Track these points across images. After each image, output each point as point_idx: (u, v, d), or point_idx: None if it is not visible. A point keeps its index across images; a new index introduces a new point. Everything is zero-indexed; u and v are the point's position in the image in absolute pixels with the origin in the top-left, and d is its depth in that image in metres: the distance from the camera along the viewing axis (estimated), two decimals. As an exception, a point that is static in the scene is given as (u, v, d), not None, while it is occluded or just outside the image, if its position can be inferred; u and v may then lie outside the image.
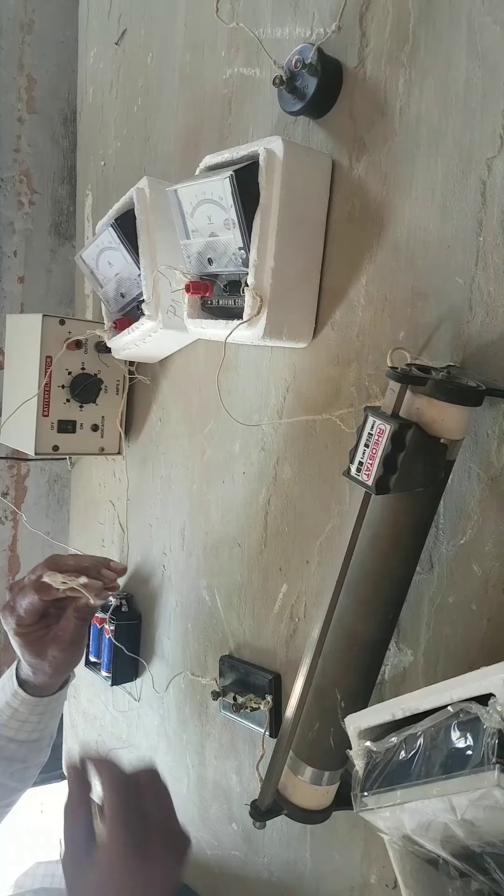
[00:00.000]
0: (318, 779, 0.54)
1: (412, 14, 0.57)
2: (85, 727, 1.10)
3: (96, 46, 1.08)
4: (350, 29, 0.62)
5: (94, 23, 1.09)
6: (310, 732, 0.53)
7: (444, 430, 0.46)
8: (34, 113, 1.30)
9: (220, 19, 0.73)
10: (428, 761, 0.40)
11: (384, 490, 0.46)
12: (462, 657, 0.52)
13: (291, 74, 0.64)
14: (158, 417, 0.90)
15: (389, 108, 0.59)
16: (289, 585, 0.68)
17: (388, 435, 0.45)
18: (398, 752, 0.42)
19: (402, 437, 0.45)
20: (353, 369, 0.61)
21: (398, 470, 0.45)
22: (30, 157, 1.30)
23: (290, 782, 0.55)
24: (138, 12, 0.96)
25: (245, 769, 0.74)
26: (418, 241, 0.56)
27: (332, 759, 0.54)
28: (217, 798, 0.78)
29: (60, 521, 1.31)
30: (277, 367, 0.70)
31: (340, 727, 0.52)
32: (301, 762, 0.54)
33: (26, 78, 1.30)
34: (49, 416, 0.88)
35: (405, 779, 0.40)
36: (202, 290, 0.67)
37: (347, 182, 0.63)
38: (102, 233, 0.79)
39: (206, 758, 0.80)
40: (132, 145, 0.98)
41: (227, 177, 0.60)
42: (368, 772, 0.44)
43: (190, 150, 0.84)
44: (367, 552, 0.49)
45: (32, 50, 1.30)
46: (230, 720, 0.75)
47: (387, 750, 0.43)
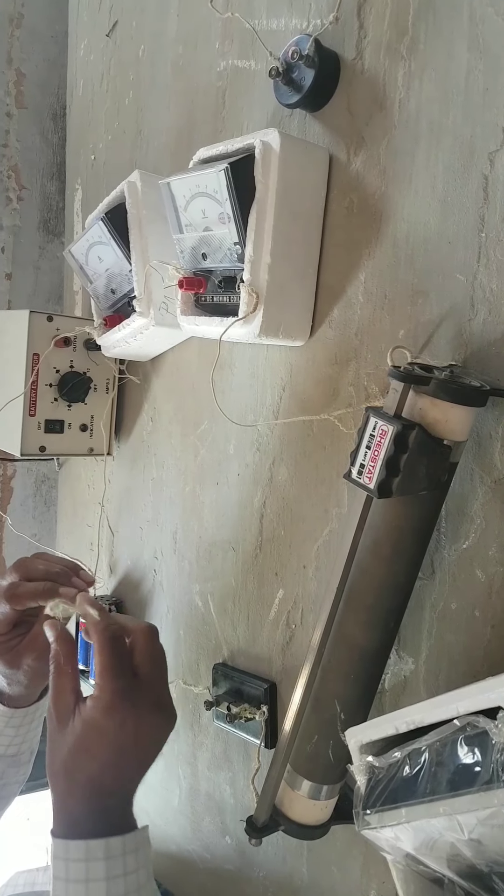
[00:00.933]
0: (316, 793, 0.52)
1: (412, 5, 0.55)
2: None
3: (87, 38, 1.06)
4: (348, 20, 0.60)
5: (84, 14, 1.06)
6: (308, 745, 0.52)
7: (447, 431, 0.44)
8: (23, 108, 1.29)
9: (214, 9, 0.72)
10: (434, 778, 0.38)
11: (387, 493, 0.44)
12: (465, 665, 0.50)
13: (288, 66, 0.62)
14: (150, 417, 0.88)
15: (388, 101, 0.57)
16: (285, 591, 0.66)
17: (390, 436, 0.43)
18: (402, 768, 0.40)
19: (406, 438, 0.43)
20: (352, 368, 0.60)
21: (401, 472, 0.43)
22: (18, 153, 1.29)
23: (288, 797, 0.53)
24: (130, 4, 0.94)
25: (239, 780, 0.72)
26: (418, 237, 0.55)
27: (330, 772, 0.52)
28: (209, 810, 0.76)
29: (47, 522, 1.28)
30: (273, 365, 0.68)
31: (340, 740, 0.50)
32: (299, 776, 0.52)
33: (15, 72, 1.28)
34: (36, 416, 0.85)
35: (410, 796, 0.39)
36: (196, 286, 0.65)
37: (345, 177, 0.61)
38: (92, 227, 0.77)
39: (199, 769, 0.78)
40: (123, 139, 0.96)
41: (223, 169, 0.58)
42: (371, 788, 0.42)
43: (183, 144, 0.82)
44: (368, 558, 0.47)
45: (21, 44, 1.28)
46: (223, 730, 0.73)
47: (390, 765, 0.41)
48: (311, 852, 0.63)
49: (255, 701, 0.67)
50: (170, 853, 0.83)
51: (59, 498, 1.15)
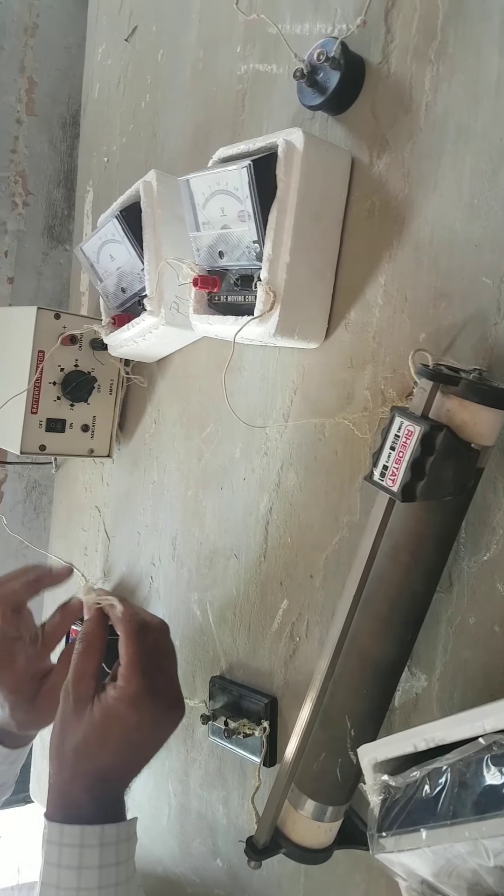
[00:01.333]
0: (320, 814, 0.49)
1: (441, 10, 0.55)
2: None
3: (105, 43, 1.05)
4: (375, 25, 0.60)
5: (103, 19, 1.06)
6: (315, 763, 0.49)
7: (475, 434, 0.42)
8: (33, 115, 1.29)
9: (239, 10, 0.71)
10: (457, 800, 0.36)
11: (410, 497, 0.42)
12: (482, 683, 0.48)
13: (313, 68, 0.62)
14: (153, 420, 0.86)
15: (414, 104, 0.56)
16: (290, 601, 0.64)
17: (417, 437, 0.41)
18: (421, 789, 0.38)
19: (433, 440, 0.41)
20: (368, 372, 0.58)
21: (426, 476, 0.41)
22: (26, 159, 1.29)
23: (290, 817, 0.50)
24: (150, 9, 0.93)
25: (233, 800, 0.69)
26: (442, 240, 0.54)
27: (337, 793, 0.49)
28: (200, 831, 0.73)
29: (36, 530, 1.26)
30: (285, 368, 0.66)
31: (348, 758, 0.48)
32: (303, 795, 0.50)
33: (27, 80, 1.29)
34: (37, 414, 0.83)
35: (430, 819, 0.36)
36: (210, 284, 0.64)
37: (367, 179, 0.60)
38: (106, 225, 0.76)
39: (191, 787, 0.75)
40: (138, 141, 0.95)
41: (245, 166, 0.57)
42: (387, 810, 0.39)
43: (199, 146, 0.81)
44: (387, 565, 0.45)
45: (35, 53, 1.29)
46: (218, 747, 0.70)
47: (408, 785, 0.39)
48: (309, 878, 0.60)
49: (254, 716, 0.64)
50: (156, 875, 0.79)
51: (54, 501, 1.12)
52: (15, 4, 1.26)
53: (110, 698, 0.53)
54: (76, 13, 1.29)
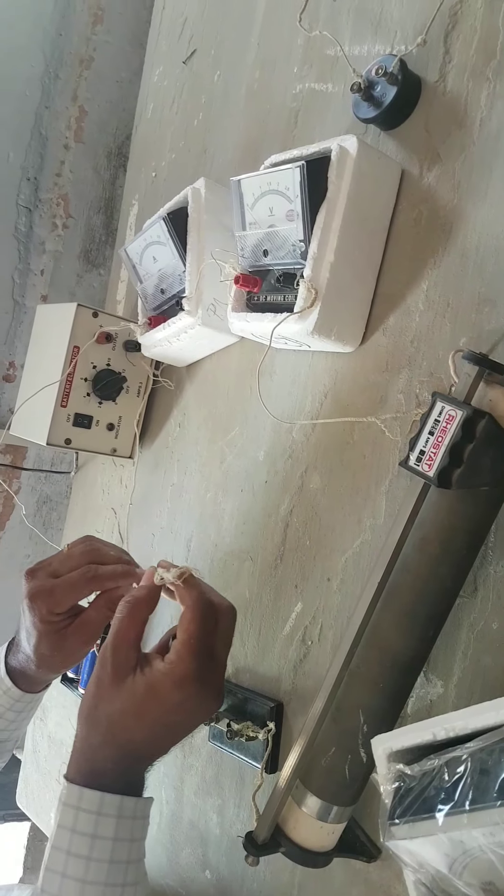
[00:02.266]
0: (324, 814, 0.48)
1: (501, 31, 0.56)
2: (49, 754, 1.01)
3: (163, 65, 1.09)
4: (434, 46, 0.61)
5: (163, 44, 1.10)
6: (323, 758, 0.47)
7: (516, 426, 0.42)
8: (81, 142, 1.34)
9: (301, 28, 0.73)
10: (478, 786, 0.34)
11: (446, 483, 0.41)
12: (502, 690, 0.47)
13: (370, 82, 0.63)
14: (178, 423, 0.86)
15: (469, 119, 0.58)
16: (304, 604, 0.63)
17: (458, 421, 0.41)
18: (439, 776, 0.36)
19: (474, 426, 0.41)
20: (403, 376, 0.58)
21: (464, 463, 0.41)
22: (70, 183, 1.33)
23: (293, 815, 0.48)
24: (211, 34, 0.97)
25: (228, 809, 0.67)
26: (489, 248, 0.54)
27: (343, 792, 0.48)
28: (191, 840, 0.70)
29: (42, 545, 1.25)
30: (317, 372, 0.67)
31: (359, 756, 0.46)
32: (308, 792, 0.48)
33: (78, 109, 1.34)
34: (67, 408, 0.84)
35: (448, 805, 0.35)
36: (251, 284, 0.64)
37: (416, 190, 0.61)
38: (152, 227, 0.77)
39: (184, 794, 0.72)
40: (187, 157, 0.97)
41: (299, 165, 0.58)
42: (400, 797, 0.38)
43: (249, 160, 0.83)
44: (415, 555, 0.44)
45: (88, 84, 1.34)
46: (217, 753, 0.68)
47: (424, 773, 0.37)
48: (303, 891, 0.57)
49: (258, 720, 0.63)
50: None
51: (70, 503, 1.12)
52: (74, 37, 1.32)
53: (157, 673, 0.50)
54: (131, 50, 1.35)
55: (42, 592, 0.62)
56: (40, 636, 0.62)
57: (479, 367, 0.41)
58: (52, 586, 0.62)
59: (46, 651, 0.62)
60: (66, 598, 0.62)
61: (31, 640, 0.62)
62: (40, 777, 1.02)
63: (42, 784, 1.01)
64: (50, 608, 0.62)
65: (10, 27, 1.23)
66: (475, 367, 0.42)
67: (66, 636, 0.63)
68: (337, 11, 0.72)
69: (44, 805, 1.00)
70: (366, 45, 0.69)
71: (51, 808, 0.96)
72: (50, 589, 0.62)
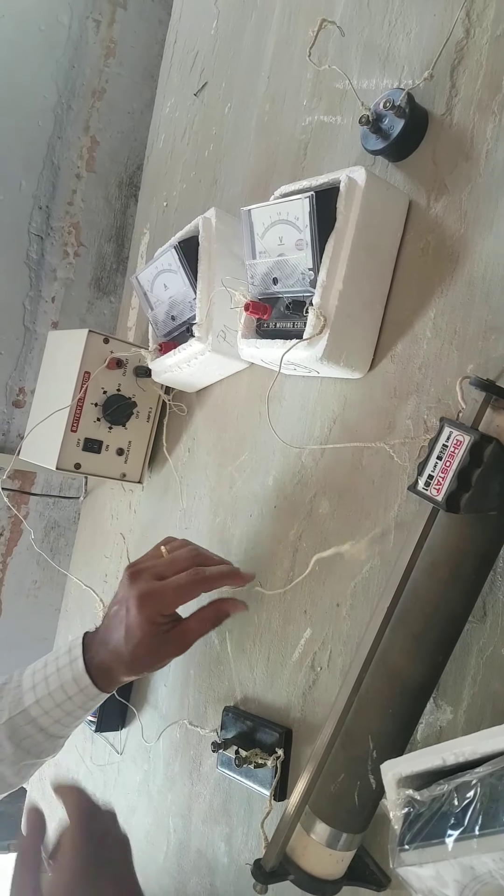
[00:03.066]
0: (334, 841, 0.47)
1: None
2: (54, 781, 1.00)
3: (174, 97, 1.12)
4: (440, 80, 0.63)
5: (175, 77, 1.13)
6: (332, 785, 0.47)
7: (524, 451, 0.42)
8: (92, 172, 1.36)
9: (311, 62, 0.75)
10: (487, 811, 0.34)
11: (454, 508, 0.42)
12: (512, 716, 0.46)
13: (378, 115, 0.65)
14: (187, 448, 0.86)
15: (475, 151, 0.59)
16: (313, 630, 0.63)
17: (466, 446, 0.41)
18: (449, 802, 0.36)
19: (481, 451, 0.41)
20: (412, 402, 0.59)
21: (472, 487, 0.41)
22: (81, 212, 1.35)
23: (301, 842, 0.48)
24: (222, 67, 0.99)
25: (236, 837, 0.66)
26: (496, 277, 0.55)
27: (353, 819, 0.47)
28: (198, 870, 0.70)
29: (50, 570, 1.26)
30: (326, 398, 0.67)
31: (368, 782, 0.46)
32: (317, 818, 0.47)
33: (90, 139, 1.37)
34: (77, 433, 0.84)
35: (458, 831, 0.35)
36: (261, 311, 0.65)
37: (423, 220, 0.62)
38: (163, 255, 0.79)
39: (192, 822, 0.72)
40: (198, 187, 0.99)
41: (308, 196, 0.59)
42: (410, 823, 0.37)
43: (258, 191, 0.85)
44: (423, 579, 0.45)
45: (100, 115, 1.37)
46: (226, 780, 0.68)
47: (434, 799, 0.37)
48: (312, 923, 0.57)
49: (267, 747, 0.62)
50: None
51: (79, 528, 1.12)
52: (87, 70, 1.35)
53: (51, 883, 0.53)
54: (142, 83, 1.38)
55: (152, 594, 0.63)
56: (143, 637, 0.63)
57: (486, 392, 0.42)
58: (162, 588, 0.63)
59: (143, 652, 0.63)
60: (177, 600, 0.64)
61: (131, 639, 0.63)
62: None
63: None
64: (159, 610, 0.63)
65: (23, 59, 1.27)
66: (482, 393, 0.42)
67: (166, 640, 0.64)
68: (346, 46, 0.73)
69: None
70: (374, 78, 0.71)
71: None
72: (160, 591, 0.63)
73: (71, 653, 0.67)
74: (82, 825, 0.54)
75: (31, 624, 1.28)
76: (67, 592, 1.10)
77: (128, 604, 0.63)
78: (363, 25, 0.72)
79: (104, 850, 0.55)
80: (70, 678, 0.65)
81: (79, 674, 0.65)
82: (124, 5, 1.39)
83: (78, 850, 0.53)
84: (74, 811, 0.55)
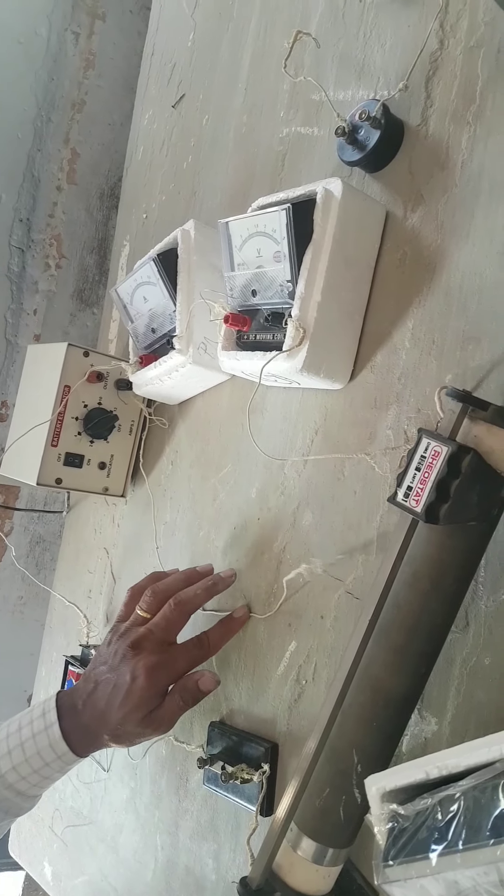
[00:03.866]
0: (320, 857, 0.47)
1: (480, 77, 0.58)
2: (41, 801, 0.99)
3: (152, 109, 1.12)
4: (415, 91, 0.63)
5: (153, 88, 1.13)
6: (317, 800, 0.47)
7: (502, 461, 0.42)
8: (73, 184, 1.36)
9: (286, 73, 0.75)
10: (471, 825, 0.34)
11: (434, 518, 0.42)
12: (496, 726, 0.46)
13: (354, 126, 0.65)
14: (170, 461, 0.86)
15: (451, 162, 0.59)
16: (298, 642, 0.63)
17: (444, 457, 0.41)
18: (432, 816, 0.36)
19: (459, 461, 0.41)
20: (392, 412, 0.59)
21: (451, 498, 0.41)
22: (63, 224, 1.35)
23: (287, 859, 0.48)
24: (199, 78, 0.99)
25: (224, 853, 0.66)
26: (472, 287, 0.55)
27: (338, 834, 0.47)
28: (186, 887, 0.69)
29: (35, 586, 1.25)
30: (307, 409, 0.67)
31: (353, 796, 0.46)
32: (303, 835, 0.47)
33: (70, 151, 1.37)
34: (58, 447, 0.84)
35: (442, 845, 0.34)
36: (241, 323, 0.65)
37: (400, 231, 0.62)
38: (142, 268, 0.79)
39: (180, 839, 0.71)
40: (177, 199, 0.99)
41: (285, 208, 0.59)
42: (394, 838, 0.37)
43: (237, 203, 0.85)
44: (405, 592, 0.44)
45: (80, 127, 1.37)
46: (213, 796, 0.67)
47: (417, 813, 0.37)
48: (301, 940, 0.56)
49: (253, 762, 0.62)
50: (134, 938, 0.74)
51: (62, 543, 1.11)
52: (66, 82, 1.35)
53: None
54: (122, 94, 1.38)
55: (163, 664, 0.64)
56: (141, 705, 0.62)
57: (463, 403, 0.42)
58: (172, 660, 0.65)
59: (132, 723, 0.62)
60: (187, 666, 0.66)
61: (126, 705, 0.62)
62: (33, 825, 1.00)
63: (34, 832, 0.99)
64: (170, 678, 0.64)
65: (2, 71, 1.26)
66: (459, 404, 0.42)
67: (156, 718, 0.64)
68: (321, 58, 0.74)
69: (36, 854, 0.98)
70: (350, 90, 0.71)
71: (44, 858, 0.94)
72: (170, 662, 0.65)
73: (45, 717, 0.64)
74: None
75: (17, 639, 1.27)
76: (51, 608, 1.09)
77: (133, 672, 0.63)
78: (338, 37, 0.72)
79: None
80: (46, 744, 0.63)
81: (55, 740, 0.63)
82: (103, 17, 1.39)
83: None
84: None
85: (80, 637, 0.96)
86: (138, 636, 0.65)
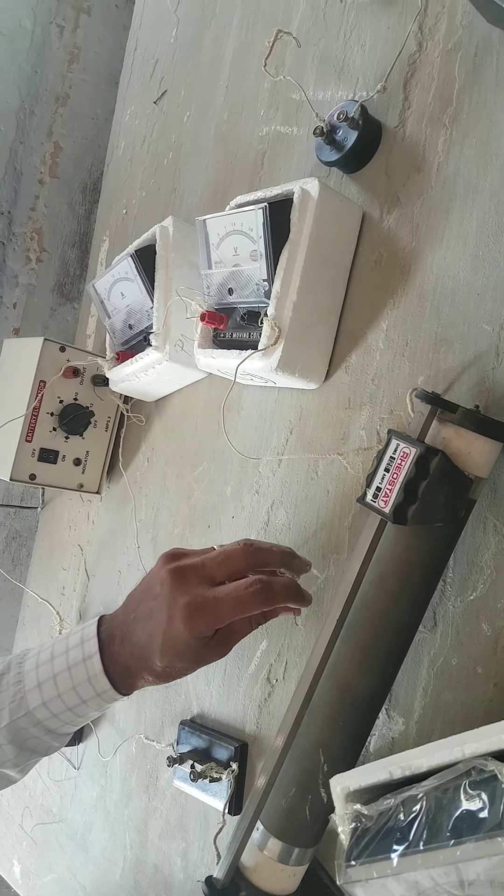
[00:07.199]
0: (286, 856, 0.47)
1: (457, 80, 0.58)
2: (11, 798, 0.98)
3: (134, 105, 1.11)
4: (394, 92, 0.63)
5: (135, 84, 1.12)
6: (283, 800, 0.47)
7: (470, 463, 0.43)
8: (55, 178, 1.35)
9: (266, 72, 0.75)
10: (432, 826, 0.34)
11: (402, 519, 0.42)
12: (462, 726, 0.46)
13: (332, 127, 0.65)
14: (146, 458, 0.86)
15: (427, 164, 0.59)
16: (269, 642, 0.63)
17: (412, 458, 0.41)
18: (395, 816, 0.36)
19: (427, 463, 0.41)
20: (365, 413, 0.59)
21: (419, 499, 0.41)
22: (44, 218, 1.34)
23: (253, 858, 0.48)
24: (181, 76, 0.99)
25: (193, 852, 0.65)
26: (446, 289, 0.55)
27: (304, 833, 0.47)
28: (155, 885, 0.69)
29: (10, 583, 1.23)
30: (283, 408, 0.67)
31: (319, 796, 0.46)
32: (269, 834, 0.47)
33: (53, 145, 1.35)
34: (32, 443, 0.83)
35: (404, 846, 0.34)
36: (217, 321, 0.65)
37: (376, 232, 0.62)
38: (120, 264, 0.78)
39: (149, 837, 0.71)
40: (157, 196, 0.99)
41: (262, 207, 0.59)
42: (357, 838, 0.37)
43: (217, 200, 0.85)
44: (373, 592, 0.45)
45: (63, 121, 1.36)
46: (182, 795, 0.67)
47: (380, 814, 0.37)
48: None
49: (222, 761, 0.62)
50: (101, 937, 0.74)
51: (36, 540, 1.11)
52: (50, 75, 1.34)
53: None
54: (106, 89, 1.37)
55: (204, 608, 0.52)
56: (185, 650, 0.53)
57: (432, 405, 0.42)
58: (216, 603, 0.52)
59: (180, 665, 0.54)
60: (232, 617, 0.53)
61: (168, 650, 0.53)
62: (2, 822, 0.99)
63: (4, 830, 0.99)
64: (211, 626, 0.53)
65: (-16, 64, 1.25)
66: (428, 406, 0.42)
67: (208, 647, 0.54)
68: (301, 58, 0.74)
69: (5, 852, 0.97)
70: (329, 90, 0.71)
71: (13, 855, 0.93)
72: (214, 606, 0.52)
73: (84, 647, 0.55)
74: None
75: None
76: (24, 604, 1.08)
77: (170, 612, 0.53)
78: (319, 37, 0.72)
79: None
80: (84, 679, 0.54)
81: (95, 675, 0.54)
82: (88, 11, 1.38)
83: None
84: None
85: (53, 634, 0.96)
86: (187, 564, 0.55)
